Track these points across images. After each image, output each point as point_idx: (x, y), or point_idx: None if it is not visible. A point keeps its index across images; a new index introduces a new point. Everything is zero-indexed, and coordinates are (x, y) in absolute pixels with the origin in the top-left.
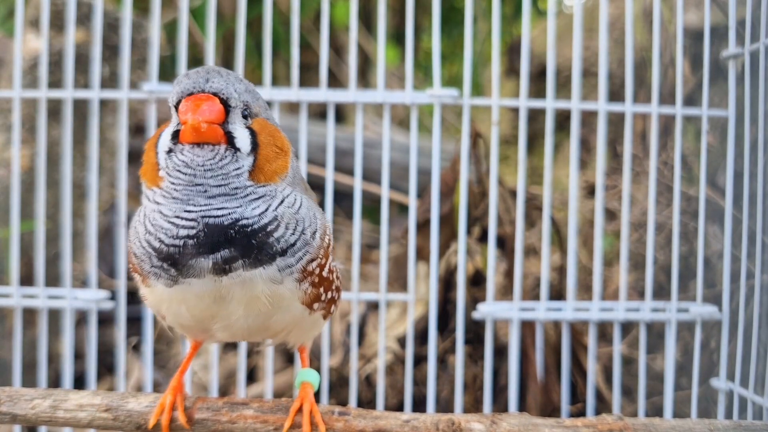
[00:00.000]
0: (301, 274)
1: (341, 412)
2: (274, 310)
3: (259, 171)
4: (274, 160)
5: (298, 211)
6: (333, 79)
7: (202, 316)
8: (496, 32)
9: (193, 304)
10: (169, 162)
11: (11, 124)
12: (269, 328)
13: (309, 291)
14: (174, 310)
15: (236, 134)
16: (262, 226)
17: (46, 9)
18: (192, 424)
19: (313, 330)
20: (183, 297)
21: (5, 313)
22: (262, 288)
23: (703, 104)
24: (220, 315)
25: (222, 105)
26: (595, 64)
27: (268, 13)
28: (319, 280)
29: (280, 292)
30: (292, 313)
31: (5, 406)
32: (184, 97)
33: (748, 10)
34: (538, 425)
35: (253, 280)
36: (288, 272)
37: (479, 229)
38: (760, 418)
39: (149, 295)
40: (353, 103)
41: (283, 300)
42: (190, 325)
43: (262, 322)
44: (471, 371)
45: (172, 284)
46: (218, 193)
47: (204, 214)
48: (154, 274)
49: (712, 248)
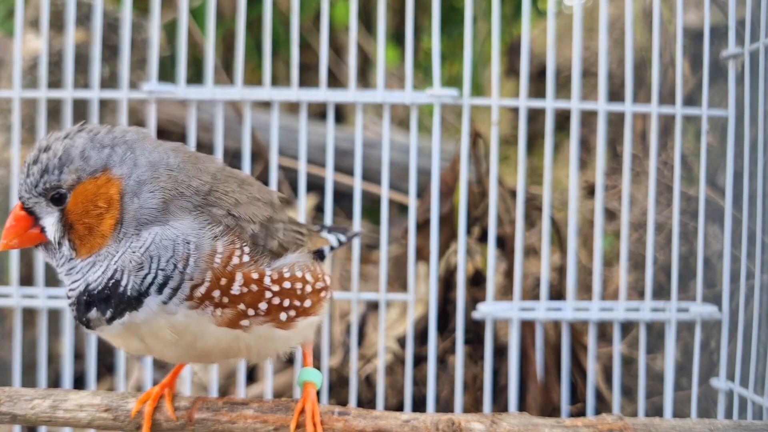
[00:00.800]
0: (192, 301)
1: (341, 412)
2: (187, 337)
3: (81, 248)
4: (91, 231)
5: (147, 250)
6: (333, 79)
7: (137, 350)
8: (495, 32)
9: (120, 342)
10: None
11: (11, 124)
12: (208, 352)
13: (220, 312)
14: (115, 344)
15: (46, 228)
16: (112, 284)
17: (45, 9)
18: (192, 424)
19: (273, 344)
20: (108, 336)
21: (5, 313)
22: (161, 320)
23: (703, 104)
24: (151, 349)
25: (25, 211)
26: (594, 64)
27: (268, 13)
28: (230, 298)
29: (176, 320)
30: (216, 335)
31: (5, 406)
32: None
33: (748, 10)
34: (538, 425)
35: (147, 316)
36: (174, 303)
37: (479, 229)
38: (760, 418)
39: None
40: (353, 103)
41: (186, 327)
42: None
43: (189, 347)
44: (471, 371)
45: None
46: (63, 273)
47: (70, 288)
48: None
49: (712, 248)
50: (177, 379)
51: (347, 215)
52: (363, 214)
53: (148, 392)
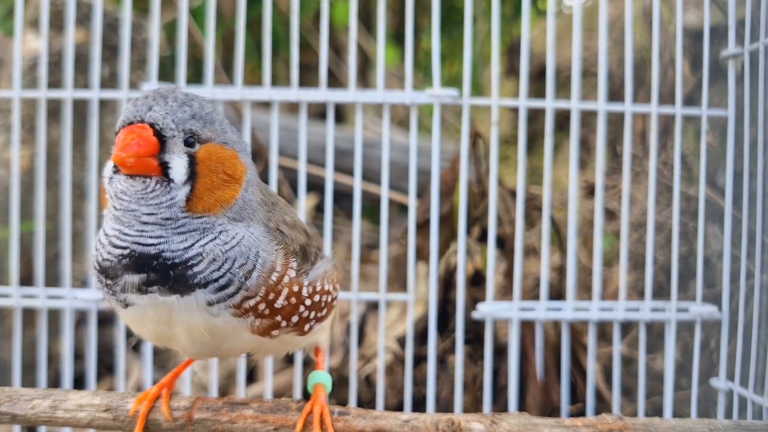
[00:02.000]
0: (238, 310)
1: (341, 412)
2: (218, 339)
3: (198, 200)
4: (216, 189)
5: (231, 249)
6: (333, 79)
7: (160, 338)
8: (495, 32)
9: (148, 326)
10: (110, 188)
11: (11, 124)
12: (231, 350)
13: (258, 323)
14: (137, 331)
15: (172, 164)
16: (183, 261)
17: (45, 9)
18: (192, 423)
19: (289, 347)
20: (136, 319)
21: (5, 313)
22: (198, 318)
23: (703, 104)
24: (175, 338)
25: (156, 137)
26: (594, 64)
27: (267, 13)
28: (271, 311)
29: (216, 323)
30: (245, 341)
31: (5, 406)
32: (123, 126)
33: (748, 10)
34: (538, 425)
35: (192, 309)
36: (221, 307)
37: (479, 229)
38: (760, 418)
39: (121, 317)
40: (353, 103)
41: (222, 331)
42: (162, 344)
43: (215, 346)
44: (471, 371)
45: (125, 306)
46: (150, 221)
47: (135, 240)
48: (104, 294)
49: (712, 248)
50: (176, 379)
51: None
52: (363, 214)
53: (145, 392)
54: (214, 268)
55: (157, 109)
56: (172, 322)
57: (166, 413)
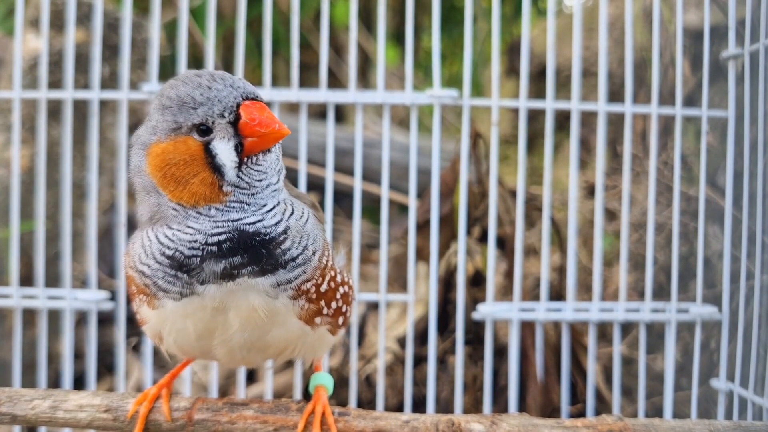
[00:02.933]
0: (296, 292)
1: (341, 412)
2: (270, 324)
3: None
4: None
5: (305, 225)
6: (333, 79)
7: (204, 330)
8: (496, 32)
9: (198, 317)
10: (245, 175)
11: (11, 124)
12: (269, 345)
13: (306, 307)
14: (178, 327)
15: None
16: (275, 236)
17: (46, 9)
18: (192, 424)
19: (321, 346)
20: (188, 310)
21: (5, 313)
22: (259, 300)
23: (703, 104)
24: (220, 328)
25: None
26: (595, 64)
27: (268, 13)
28: (317, 295)
29: (274, 306)
30: (290, 329)
31: (5, 407)
32: (240, 103)
33: (748, 11)
34: (538, 426)
35: (251, 291)
36: (282, 288)
37: (479, 229)
38: (760, 418)
39: (154, 317)
40: (353, 103)
41: (277, 315)
42: (191, 344)
43: (258, 337)
44: (471, 372)
45: (180, 297)
46: (264, 196)
47: (243, 222)
48: (163, 289)
49: (712, 248)
50: (175, 380)
51: (347, 215)
52: (363, 214)
53: (145, 393)
54: (295, 245)
55: (244, 84)
56: (227, 308)
57: (167, 414)
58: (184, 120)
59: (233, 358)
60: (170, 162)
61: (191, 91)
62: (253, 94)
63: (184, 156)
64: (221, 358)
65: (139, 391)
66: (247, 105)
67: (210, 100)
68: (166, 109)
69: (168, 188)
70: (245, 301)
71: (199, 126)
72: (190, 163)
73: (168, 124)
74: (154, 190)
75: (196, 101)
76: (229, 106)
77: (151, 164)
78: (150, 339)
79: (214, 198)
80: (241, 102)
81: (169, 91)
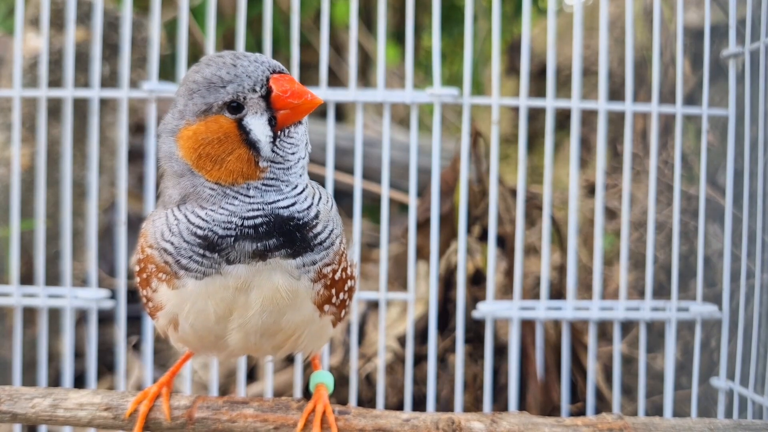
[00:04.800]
0: (317, 275)
1: (341, 411)
2: (288, 306)
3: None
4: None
5: (330, 210)
6: (333, 78)
7: (225, 311)
8: (496, 31)
9: (220, 296)
10: (279, 149)
11: (11, 122)
12: (281, 330)
13: (321, 292)
14: (199, 308)
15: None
16: (308, 221)
17: (46, 8)
18: (192, 422)
19: (321, 336)
20: (210, 290)
21: (5, 312)
22: (283, 281)
23: (704, 103)
24: (240, 309)
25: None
26: (595, 62)
27: (268, 12)
28: (331, 282)
29: (296, 287)
30: (303, 313)
31: (5, 405)
32: (269, 77)
33: (749, 9)
34: (538, 424)
35: (276, 271)
36: (306, 270)
37: (479, 228)
38: (760, 417)
39: (173, 298)
40: (353, 102)
41: (297, 296)
42: (209, 328)
43: (275, 320)
44: (471, 370)
45: (202, 277)
46: (296, 173)
47: (278, 205)
48: (185, 268)
49: (713, 247)
50: (175, 379)
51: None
52: (363, 212)
53: (144, 392)
54: (324, 230)
55: (269, 59)
56: (250, 288)
57: (167, 413)
58: (214, 100)
59: (246, 344)
60: (203, 142)
61: (217, 71)
62: (279, 67)
63: (217, 134)
64: (235, 343)
65: (139, 390)
66: (277, 78)
67: (238, 77)
68: (194, 93)
69: (204, 168)
70: (269, 281)
71: (230, 104)
72: (225, 141)
73: (197, 107)
74: (189, 172)
75: (224, 80)
76: (259, 80)
77: (184, 147)
78: (160, 329)
79: (252, 174)
80: (269, 75)
81: (194, 75)
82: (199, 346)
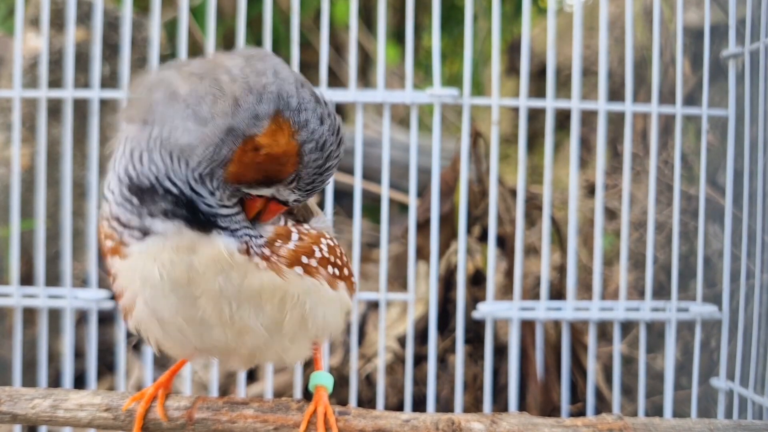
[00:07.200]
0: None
1: (341, 411)
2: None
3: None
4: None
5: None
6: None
7: (177, 279)
8: (496, 31)
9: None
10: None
11: (11, 123)
12: (261, 307)
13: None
14: (146, 275)
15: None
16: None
17: (46, 8)
18: (192, 423)
19: (323, 305)
20: (152, 251)
21: (5, 312)
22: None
23: (703, 103)
24: (191, 274)
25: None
26: (595, 63)
27: (268, 12)
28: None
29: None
30: (264, 281)
31: (5, 406)
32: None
33: (749, 9)
34: (538, 425)
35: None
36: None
37: (479, 228)
38: (760, 417)
39: (123, 270)
40: (353, 102)
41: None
42: (171, 315)
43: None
44: (471, 371)
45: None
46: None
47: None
48: (124, 224)
49: (713, 247)
50: (174, 379)
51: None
52: (363, 212)
53: (142, 392)
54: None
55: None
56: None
57: (161, 415)
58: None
59: (221, 318)
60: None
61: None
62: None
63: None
64: (212, 322)
65: (139, 390)
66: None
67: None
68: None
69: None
70: (207, 239)
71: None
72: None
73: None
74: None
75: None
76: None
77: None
78: (133, 328)
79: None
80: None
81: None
82: (174, 337)
